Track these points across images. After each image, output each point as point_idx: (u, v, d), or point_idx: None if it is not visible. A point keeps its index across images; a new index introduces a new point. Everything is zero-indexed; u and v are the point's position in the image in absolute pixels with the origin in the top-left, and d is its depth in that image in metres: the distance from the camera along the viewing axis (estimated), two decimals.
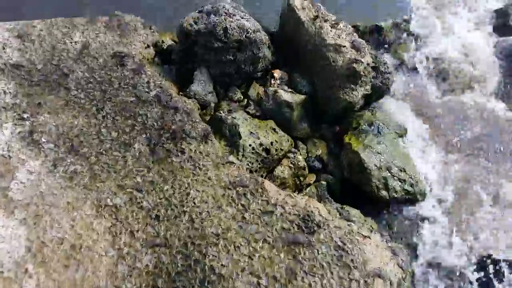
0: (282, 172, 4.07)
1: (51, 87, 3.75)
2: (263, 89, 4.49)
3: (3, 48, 4.01)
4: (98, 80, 3.83)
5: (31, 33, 4.19)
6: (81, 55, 4.03)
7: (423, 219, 3.98)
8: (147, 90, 3.80)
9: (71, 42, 4.14)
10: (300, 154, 4.26)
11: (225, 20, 4.12)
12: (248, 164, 3.92)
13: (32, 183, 3.13)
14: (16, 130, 3.43)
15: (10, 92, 3.68)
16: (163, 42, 4.76)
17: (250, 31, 4.14)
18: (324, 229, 2.99)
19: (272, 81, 4.53)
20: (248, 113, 4.35)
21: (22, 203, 3.01)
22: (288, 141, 4.28)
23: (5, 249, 2.77)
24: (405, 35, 5.58)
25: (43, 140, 3.39)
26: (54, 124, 3.49)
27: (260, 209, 3.10)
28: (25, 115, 3.53)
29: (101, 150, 3.37)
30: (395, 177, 3.98)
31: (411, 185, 4.00)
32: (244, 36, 4.11)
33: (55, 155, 3.31)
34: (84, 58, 4.01)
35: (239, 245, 2.91)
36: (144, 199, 3.12)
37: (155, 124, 3.58)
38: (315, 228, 2.97)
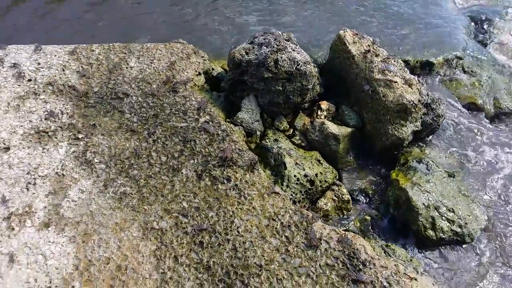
0: (325, 204, 4.02)
1: (106, 110, 3.90)
2: (309, 120, 4.48)
3: (63, 70, 4.21)
4: (150, 105, 3.95)
5: (90, 56, 4.39)
6: (135, 80, 4.18)
7: (470, 261, 3.81)
8: (196, 116, 3.88)
9: (127, 67, 4.31)
10: (345, 187, 4.20)
11: (276, 52, 4.17)
12: (291, 195, 3.90)
13: (83, 202, 3.22)
14: (71, 150, 3.57)
15: (67, 113, 3.84)
16: (213, 69, 4.84)
17: (301, 63, 4.17)
18: (370, 268, 2.91)
19: (319, 112, 4.51)
20: (293, 143, 4.35)
21: (72, 221, 3.10)
22: (333, 173, 4.24)
23: (54, 265, 2.84)
24: (457, 71, 5.46)
25: (96, 160, 3.50)
26: (107, 145, 3.61)
27: (304, 243, 3.05)
28: (80, 136, 3.67)
29: (150, 173, 3.45)
30: (443, 217, 3.85)
31: (460, 226, 3.85)
32: (294, 68, 4.14)
33: (106, 176, 3.40)
34: (138, 83, 4.15)
35: (282, 278, 2.86)
36: (189, 224, 3.14)
37: (203, 150, 3.63)
38: (361, 267, 2.89)
